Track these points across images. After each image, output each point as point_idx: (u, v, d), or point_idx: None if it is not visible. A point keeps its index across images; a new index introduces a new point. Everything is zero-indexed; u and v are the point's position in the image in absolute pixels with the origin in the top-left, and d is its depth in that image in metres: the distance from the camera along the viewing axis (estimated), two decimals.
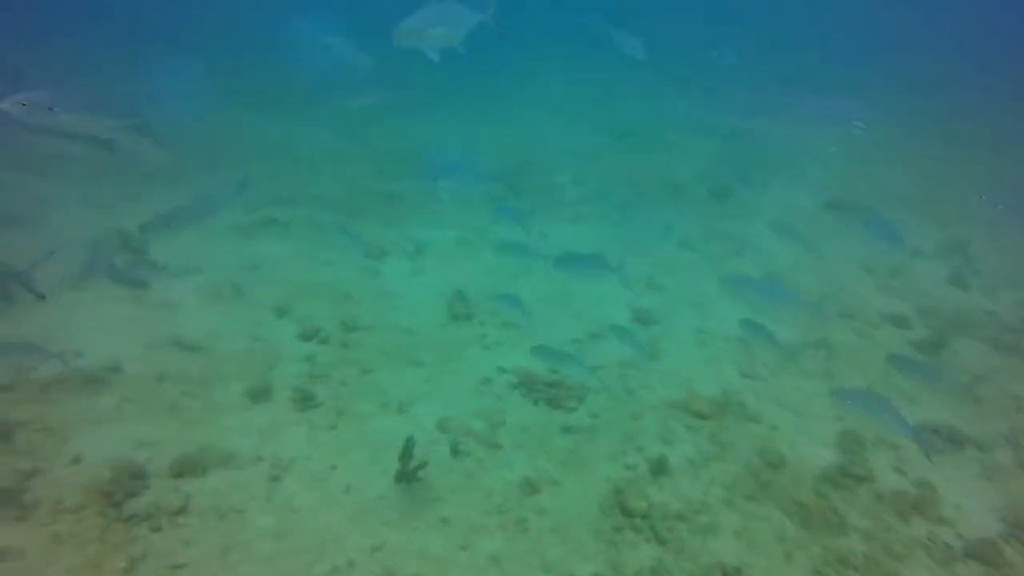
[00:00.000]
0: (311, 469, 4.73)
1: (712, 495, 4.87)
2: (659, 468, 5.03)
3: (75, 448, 4.70)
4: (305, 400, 5.39)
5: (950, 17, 29.77)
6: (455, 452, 4.91)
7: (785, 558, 4.42)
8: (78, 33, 16.81)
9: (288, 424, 5.16)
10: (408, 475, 4.51)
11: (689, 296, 7.61)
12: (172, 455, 4.68)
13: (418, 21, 5.54)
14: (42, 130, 4.63)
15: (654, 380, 6.16)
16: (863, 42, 24.70)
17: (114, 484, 4.34)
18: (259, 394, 5.45)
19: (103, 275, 6.73)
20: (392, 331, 6.52)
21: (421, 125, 13.43)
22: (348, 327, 6.43)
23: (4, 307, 6.29)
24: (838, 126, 6.74)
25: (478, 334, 6.54)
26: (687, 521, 4.61)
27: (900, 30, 27.32)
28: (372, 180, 10.54)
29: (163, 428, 5.02)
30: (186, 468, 4.59)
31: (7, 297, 6.40)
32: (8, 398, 5.11)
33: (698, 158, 12.46)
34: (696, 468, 5.13)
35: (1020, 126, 16.03)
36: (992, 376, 6.72)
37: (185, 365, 5.80)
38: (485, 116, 14.60)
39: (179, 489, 4.44)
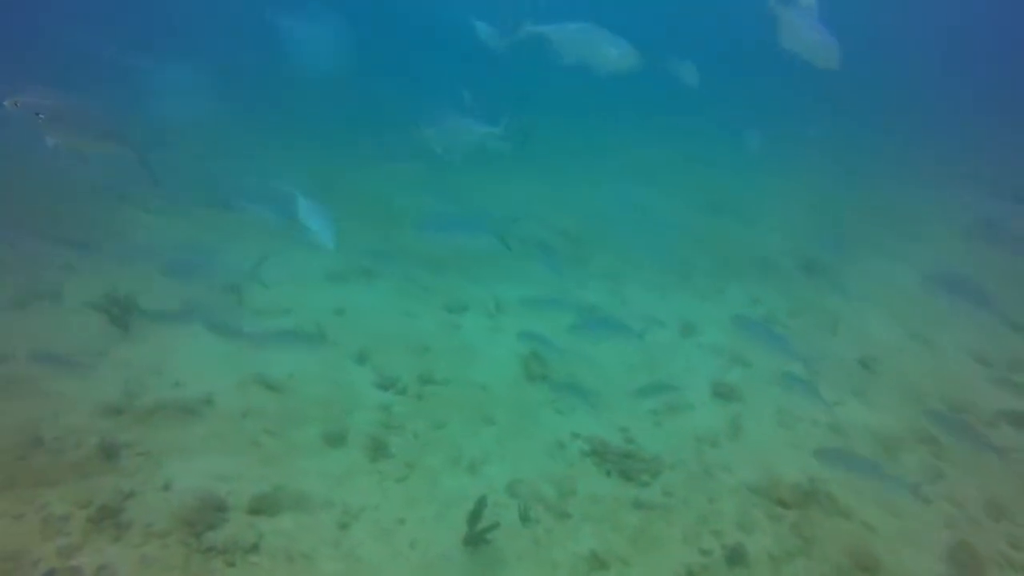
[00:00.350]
0: (379, 520, 4.75)
1: None
2: (736, 557, 4.69)
3: (167, 474, 4.97)
4: (378, 449, 5.48)
5: None
6: (524, 518, 4.80)
7: None
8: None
9: (360, 472, 5.25)
10: (477, 537, 4.44)
11: (775, 374, 7.24)
12: (250, 492, 4.85)
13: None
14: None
15: (733, 460, 5.84)
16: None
17: (197, 514, 4.53)
18: (335, 439, 5.59)
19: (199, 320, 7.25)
20: (467, 387, 6.57)
21: (512, 188, 13.91)
22: (425, 379, 6.55)
23: (122, 335, 6.90)
24: None
25: (553, 396, 6.48)
26: None
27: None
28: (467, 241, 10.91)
29: (244, 464, 5.23)
30: (262, 506, 4.73)
31: (124, 327, 7.02)
32: (119, 421, 5.53)
33: (791, 232, 12.10)
34: (777, 562, 4.75)
35: None
36: None
37: (268, 404, 6.06)
38: (576, 181, 14.96)
39: (254, 526, 4.56)
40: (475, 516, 4.47)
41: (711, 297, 9.22)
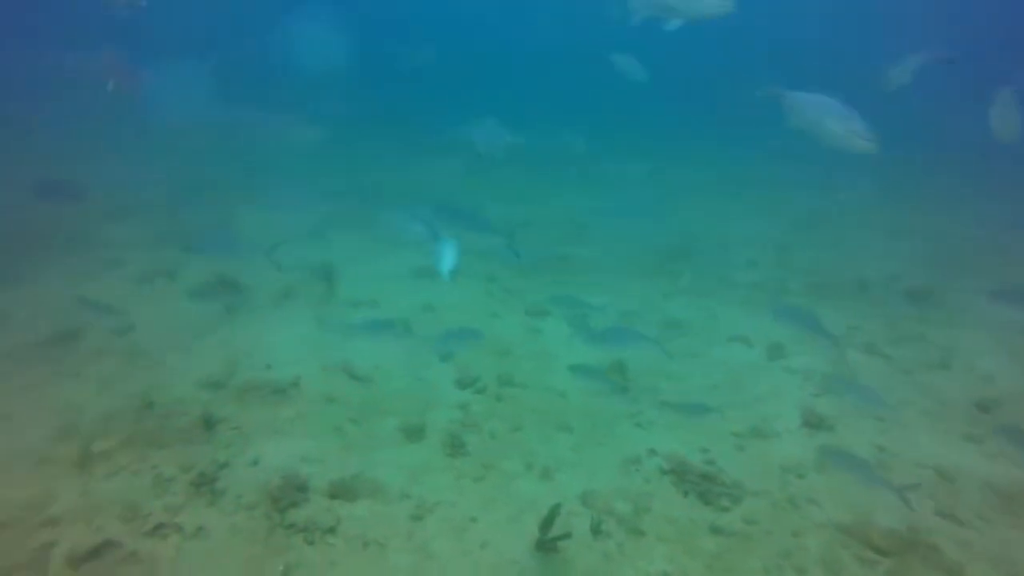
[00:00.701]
0: (452, 517, 4.80)
1: None
2: None
3: (256, 451, 5.26)
4: (455, 447, 5.55)
5: None
6: (596, 531, 4.70)
7: None
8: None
9: (436, 468, 5.33)
10: (548, 544, 4.40)
11: (873, 407, 6.74)
12: (330, 476, 5.04)
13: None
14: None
15: (822, 495, 5.46)
16: None
17: (281, 492, 4.76)
18: (413, 433, 5.71)
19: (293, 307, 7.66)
20: (546, 392, 6.55)
21: (592, 196, 13.89)
22: (504, 381, 6.59)
23: (225, 315, 7.39)
24: None
25: (633, 410, 6.32)
26: None
27: None
28: (547, 244, 10.99)
29: (326, 448, 5.44)
30: (341, 491, 4.90)
31: (227, 308, 7.51)
32: (219, 395, 5.92)
33: (896, 258, 11.30)
34: None
35: None
36: None
37: (352, 392, 6.29)
38: (661, 192, 14.72)
39: (332, 510, 4.73)
40: (547, 523, 4.42)
41: (801, 317, 8.72)
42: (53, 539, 4.20)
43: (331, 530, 4.55)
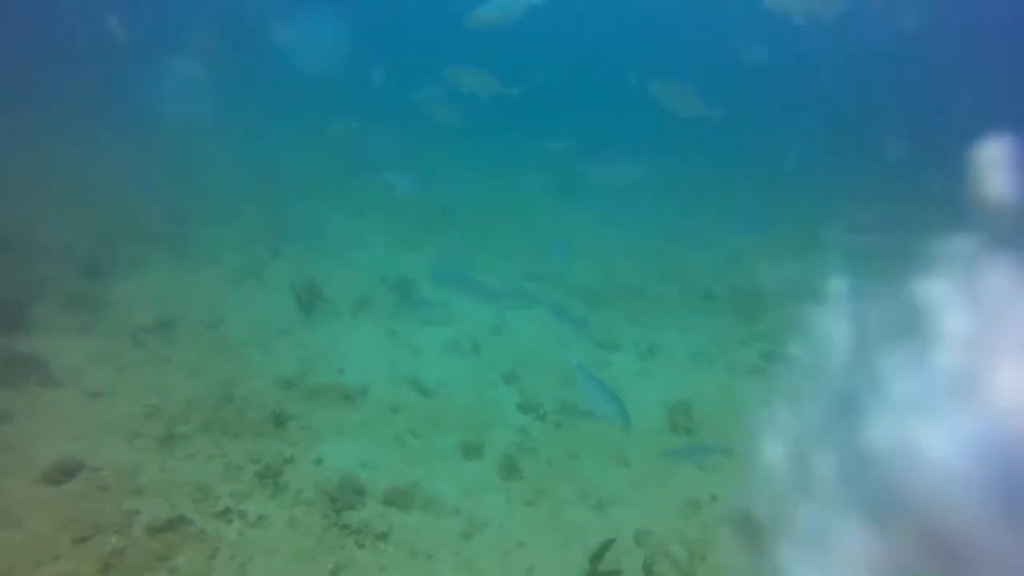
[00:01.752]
0: (501, 538, 4.77)
1: None
2: None
3: (320, 451, 5.44)
4: (511, 469, 5.53)
5: None
6: (648, 571, 4.53)
7: None
8: None
9: (490, 488, 5.32)
10: None
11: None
12: (387, 483, 5.13)
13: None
14: None
15: None
16: None
17: (340, 492, 4.89)
18: (472, 451, 5.75)
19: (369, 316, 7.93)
20: (608, 425, 6.42)
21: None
22: (567, 409, 6.52)
23: (304, 318, 7.76)
24: None
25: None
26: None
27: None
28: (627, 275, 10.82)
29: (386, 456, 5.55)
30: (396, 499, 4.98)
31: (308, 310, 7.88)
32: (291, 394, 6.19)
33: None
34: None
35: None
36: None
37: (417, 405, 6.40)
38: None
39: (385, 516, 4.81)
40: (598, 556, 4.31)
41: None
42: (137, 508, 4.50)
43: (383, 536, 4.62)
